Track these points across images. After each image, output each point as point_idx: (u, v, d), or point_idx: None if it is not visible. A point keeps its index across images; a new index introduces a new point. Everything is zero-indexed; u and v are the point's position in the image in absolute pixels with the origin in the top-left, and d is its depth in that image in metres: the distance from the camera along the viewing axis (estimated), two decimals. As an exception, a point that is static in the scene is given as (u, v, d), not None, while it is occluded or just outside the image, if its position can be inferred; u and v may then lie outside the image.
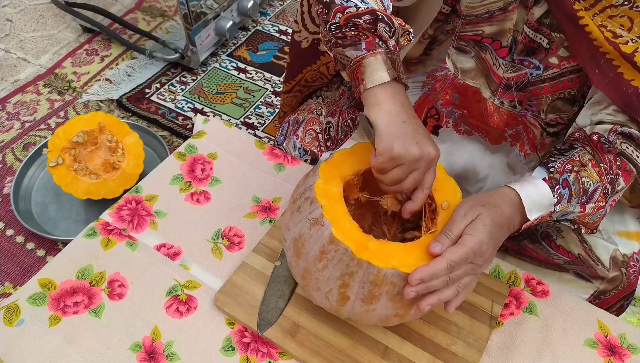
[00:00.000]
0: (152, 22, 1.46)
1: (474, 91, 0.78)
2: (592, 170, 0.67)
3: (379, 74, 0.61)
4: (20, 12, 1.71)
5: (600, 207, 0.68)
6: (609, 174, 0.67)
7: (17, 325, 0.71)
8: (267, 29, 1.69)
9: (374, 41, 0.62)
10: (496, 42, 0.73)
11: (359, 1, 0.64)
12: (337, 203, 0.63)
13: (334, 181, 0.65)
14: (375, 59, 0.61)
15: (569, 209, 0.66)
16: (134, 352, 0.70)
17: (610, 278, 0.79)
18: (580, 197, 0.66)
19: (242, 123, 1.41)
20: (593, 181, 0.66)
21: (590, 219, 0.70)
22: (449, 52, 0.78)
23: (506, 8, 0.69)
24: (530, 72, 0.72)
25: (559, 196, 0.64)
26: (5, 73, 1.51)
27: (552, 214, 0.65)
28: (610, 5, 0.62)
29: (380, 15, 0.63)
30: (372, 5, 0.65)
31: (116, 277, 0.77)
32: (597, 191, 0.67)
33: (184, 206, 0.86)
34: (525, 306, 0.77)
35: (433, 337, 0.72)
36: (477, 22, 0.72)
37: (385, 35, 0.63)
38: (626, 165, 0.68)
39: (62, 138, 1.08)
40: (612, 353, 0.73)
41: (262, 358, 0.70)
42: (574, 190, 0.65)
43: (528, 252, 0.83)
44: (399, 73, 0.62)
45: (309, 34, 0.97)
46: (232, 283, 0.76)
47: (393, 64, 0.62)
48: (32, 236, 1.14)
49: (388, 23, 0.63)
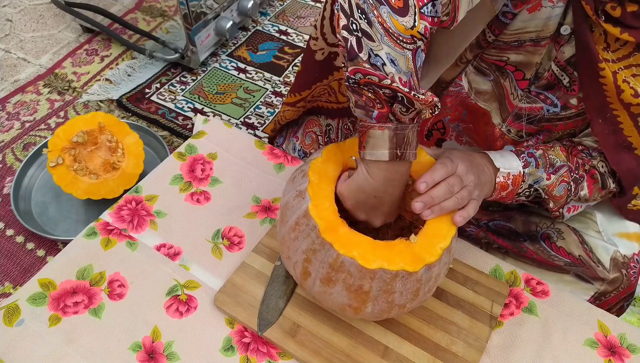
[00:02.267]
0: (152, 22, 1.46)
1: (483, 112, 0.78)
2: (559, 151, 0.73)
3: (380, 151, 0.58)
4: (20, 12, 1.71)
5: (563, 180, 0.73)
6: (573, 173, 0.73)
7: (17, 325, 0.71)
8: (267, 29, 1.69)
9: (387, 114, 0.58)
10: (519, 72, 0.72)
11: (387, 60, 0.55)
12: (326, 182, 0.64)
13: (333, 163, 0.66)
14: (382, 134, 0.58)
15: (537, 174, 0.71)
16: (134, 352, 0.70)
17: (611, 280, 0.79)
18: (547, 168, 0.72)
19: (242, 123, 1.41)
20: (560, 159, 0.72)
21: (556, 191, 0.73)
22: (467, 70, 0.76)
23: (538, 42, 0.68)
24: (547, 108, 0.73)
25: (525, 162, 0.70)
26: (5, 73, 1.51)
27: (524, 177, 0.70)
28: (638, 64, 0.62)
29: (399, 96, 0.56)
30: (401, 70, 0.56)
31: (116, 277, 0.77)
32: (563, 167, 0.73)
33: (184, 206, 0.86)
34: (525, 306, 0.77)
35: (433, 336, 0.72)
36: (505, 48, 0.70)
37: (400, 114, 0.58)
38: (594, 173, 0.74)
39: (62, 138, 1.08)
40: (612, 353, 0.73)
41: (262, 358, 0.70)
42: (540, 162, 0.71)
43: (528, 254, 0.83)
44: (405, 151, 0.59)
45: (326, 45, 0.86)
46: (232, 283, 0.76)
47: (399, 142, 0.58)
48: (32, 236, 1.14)
49: (407, 106, 0.57)
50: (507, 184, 0.70)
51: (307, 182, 0.63)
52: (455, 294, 0.76)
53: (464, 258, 0.82)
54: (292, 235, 0.63)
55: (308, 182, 0.63)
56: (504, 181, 0.69)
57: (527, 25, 0.66)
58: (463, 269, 0.79)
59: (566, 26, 0.65)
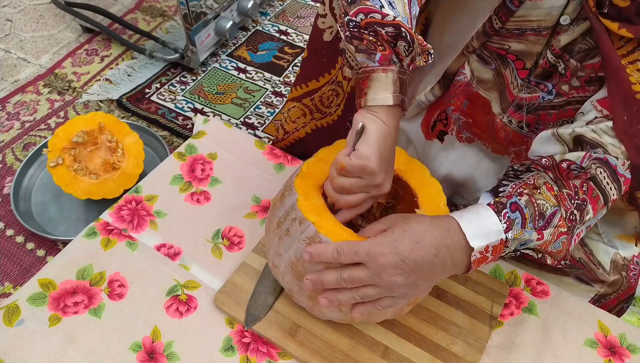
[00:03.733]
0: (152, 22, 1.46)
1: (484, 102, 0.77)
2: (547, 193, 0.61)
3: (384, 95, 0.57)
4: (20, 12, 1.71)
5: (561, 233, 0.61)
6: (574, 200, 0.62)
7: (17, 325, 0.71)
8: (267, 29, 1.69)
9: (390, 56, 0.58)
10: (519, 61, 0.71)
11: (386, 3, 0.58)
12: (326, 216, 0.62)
13: (313, 194, 0.65)
14: (386, 76, 0.57)
15: (525, 237, 0.59)
16: (134, 352, 0.70)
17: (611, 282, 0.79)
18: (537, 221, 0.59)
19: (242, 123, 1.41)
20: (550, 204, 0.60)
21: (553, 247, 0.62)
22: (470, 59, 0.75)
23: (540, 31, 0.67)
24: (542, 95, 0.71)
25: (507, 221, 0.58)
26: (5, 73, 1.51)
27: (507, 242, 0.58)
28: None
29: (403, 31, 0.57)
30: (399, 14, 0.58)
31: (116, 277, 0.77)
32: (556, 215, 0.60)
33: (184, 206, 0.86)
34: (525, 306, 0.77)
35: (433, 336, 0.72)
36: (507, 36, 0.70)
37: (403, 53, 0.58)
38: (593, 191, 0.63)
39: (62, 137, 1.08)
40: (612, 353, 0.73)
41: (262, 358, 0.70)
42: (527, 213, 0.59)
43: (529, 255, 0.83)
44: (404, 97, 0.58)
45: (335, 22, 0.82)
46: (232, 283, 0.76)
47: (401, 86, 0.58)
48: (32, 236, 1.14)
49: (409, 42, 0.57)
50: (486, 257, 0.59)
51: (311, 226, 0.61)
52: (455, 294, 0.76)
53: (464, 258, 0.82)
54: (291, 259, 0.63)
55: (312, 225, 0.61)
56: (481, 256, 0.59)
57: (530, 14, 0.66)
58: (463, 269, 0.79)
59: (566, 16, 0.64)
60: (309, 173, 0.67)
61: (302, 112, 0.94)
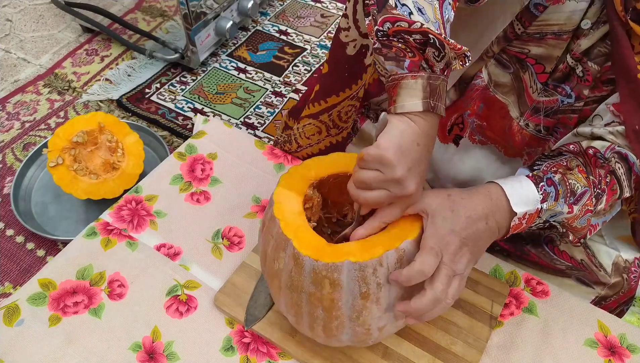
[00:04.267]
0: (152, 22, 1.46)
1: (500, 106, 0.76)
2: (579, 175, 0.65)
3: (413, 101, 0.55)
4: (20, 12, 1.71)
5: (588, 211, 0.66)
6: (597, 188, 0.66)
7: (17, 325, 0.71)
8: (267, 29, 1.69)
9: (419, 62, 0.56)
10: (539, 65, 0.70)
11: (415, 9, 0.56)
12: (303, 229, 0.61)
13: (293, 200, 0.63)
14: (415, 83, 0.55)
15: (557, 209, 0.64)
16: (134, 352, 0.70)
17: (612, 284, 0.79)
18: (568, 197, 0.64)
19: (242, 123, 1.41)
20: (581, 185, 0.64)
21: (578, 223, 0.67)
22: (488, 63, 0.74)
23: (560, 35, 0.66)
24: (561, 99, 0.71)
25: (544, 193, 0.62)
26: (5, 73, 1.51)
27: (540, 213, 0.63)
28: None
29: (431, 38, 0.55)
30: (429, 19, 0.56)
31: (116, 277, 0.77)
32: (586, 194, 0.65)
33: (184, 206, 0.86)
34: (525, 306, 0.77)
35: (433, 336, 0.72)
36: (527, 40, 0.69)
37: (433, 60, 0.56)
38: (613, 184, 0.67)
39: (62, 137, 1.08)
40: (612, 353, 0.73)
41: (262, 358, 0.70)
42: (560, 190, 0.63)
43: (531, 257, 0.83)
44: (437, 103, 0.56)
45: (359, 36, 0.79)
46: (232, 283, 0.76)
47: (432, 92, 0.56)
48: (32, 236, 1.14)
49: (438, 48, 0.55)
50: (522, 224, 0.63)
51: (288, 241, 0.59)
52: (455, 294, 0.76)
53: (464, 258, 0.82)
54: None
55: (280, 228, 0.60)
56: (519, 222, 0.62)
57: (550, 18, 0.66)
58: (463, 269, 0.79)
59: (587, 20, 0.64)
60: (290, 184, 0.65)
61: (317, 130, 0.92)
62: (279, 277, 0.61)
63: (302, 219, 0.61)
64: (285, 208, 0.61)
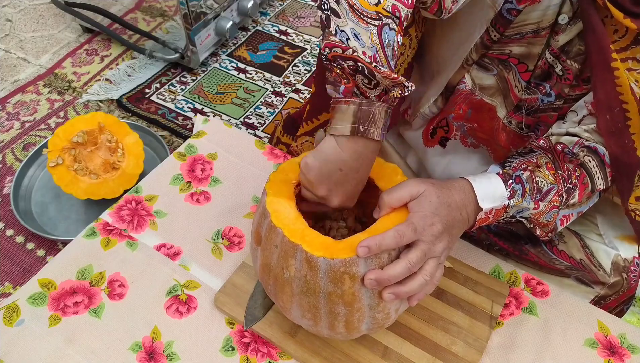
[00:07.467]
0: (152, 22, 1.46)
1: (489, 108, 0.77)
2: (546, 172, 0.68)
3: (343, 125, 0.58)
4: (20, 12, 1.71)
5: (553, 206, 0.69)
6: (567, 183, 0.69)
7: (17, 325, 0.71)
8: (267, 29, 1.70)
9: (352, 88, 0.57)
10: (522, 64, 0.71)
11: (351, 35, 0.56)
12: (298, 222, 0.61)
13: (286, 206, 0.63)
14: (347, 108, 0.57)
15: (523, 205, 0.67)
16: (134, 352, 0.70)
17: (611, 284, 0.79)
18: (535, 195, 0.67)
19: (242, 123, 1.41)
20: (547, 182, 0.68)
21: (544, 218, 0.70)
22: (469, 69, 0.75)
23: (538, 32, 0.67)
24: (541, 98, 0.72)
25: (511, 191, 0.65)
26: (5, 73, 1.52)
27: (507, 209, 0.66)
28: (634, 57, 0.62)
29: (360, 66, 0.55)
30: (364, 45, 0.56)
31: (116, 277, 0.77)
32: (552, 191, 0.68)
33: (184, 206, 0.86)
34: (525, 306, 0.77)
35: (433, 336, 0.72)
36: (507, 42, 0.70)
37: (363, 87, 0.57)
38: (584, 178, 0.70)
39: (62, 137, 1.08)
40: (612, 353, 0.73)
41: (262, 358, 0.71)
42: (527, 187, 0.66)
43: (529, 257, 0.83)
44: (369, 128, 0.57)
45: None
46: (232, 283, 0.76)
47: (364, 118, 0.57)
48: (32, 236, 1.14)
49: (368, 77, 0.56)
50: (488, 218, 0.66)
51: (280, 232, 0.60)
52: (455, 294, 0.76)
53: (464, 258, 0.82)
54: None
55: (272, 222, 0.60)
56: (485, 216, 0.65)
57: (528, 17, 0.66)
58: (463, 269, 0.79)
59: (564, 15, 0.65)
60: (279, 183, 0.66)
61: (314, 146, 0.95)
62: (290, 285, 0.61)
63: (302, 223, 0.61)
64: (283, 215, 0.61)
